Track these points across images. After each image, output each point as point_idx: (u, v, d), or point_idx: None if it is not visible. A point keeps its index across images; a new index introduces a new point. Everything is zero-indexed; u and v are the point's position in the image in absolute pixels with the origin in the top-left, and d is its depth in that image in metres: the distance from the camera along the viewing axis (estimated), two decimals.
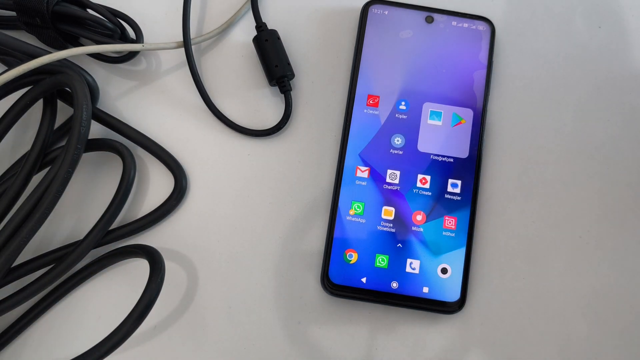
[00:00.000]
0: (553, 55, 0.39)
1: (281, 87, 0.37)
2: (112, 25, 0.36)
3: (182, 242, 0.36)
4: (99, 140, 0.36)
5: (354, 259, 0.35)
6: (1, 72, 0.32)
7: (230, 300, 0.35)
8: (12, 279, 0.34)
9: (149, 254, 0.33)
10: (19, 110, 0.34)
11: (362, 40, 0.38)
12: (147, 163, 0.37)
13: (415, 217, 0.35)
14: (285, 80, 0.37)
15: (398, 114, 0.37)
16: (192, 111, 0.38)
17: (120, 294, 0.35)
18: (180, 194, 0.36)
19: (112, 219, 0.34)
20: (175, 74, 0.38)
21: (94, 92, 0.35)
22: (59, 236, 0.36)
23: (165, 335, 0.35)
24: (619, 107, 0.38)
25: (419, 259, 0.35)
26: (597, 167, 0.37)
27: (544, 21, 0.39)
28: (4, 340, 0.34)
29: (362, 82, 0.37)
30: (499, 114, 0.38)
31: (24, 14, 0.36)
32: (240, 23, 0.39)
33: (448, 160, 0.36)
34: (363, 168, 0.36)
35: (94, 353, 0.29)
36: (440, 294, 0.34)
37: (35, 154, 0.33)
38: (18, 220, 0.31)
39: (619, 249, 0.36)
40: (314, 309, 0.35)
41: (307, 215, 0.36)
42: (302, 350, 0.35)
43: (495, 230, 0.36)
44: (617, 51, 0.39)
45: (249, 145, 0.37)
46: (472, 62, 0.37)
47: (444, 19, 0.38)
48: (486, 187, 0.37)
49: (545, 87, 0.38)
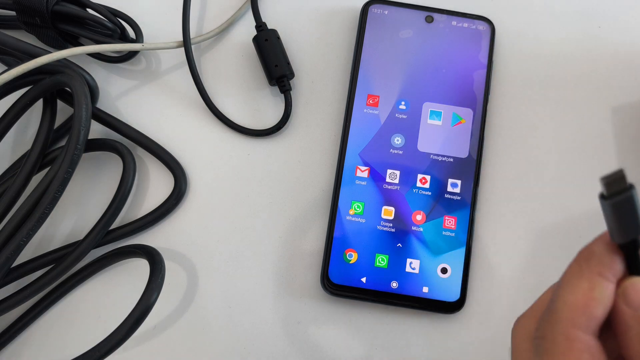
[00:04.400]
0: (553, 55, 0.39)
1: (281, 86, 0.37)
2: (112, 25, 0.36)
3: (182, 242, 0.36)
4: (99, 140, 0.36)
5: (353, 259, 0.35)
6: (1, 72, 0.32)
7: (230, 300, 0.35)
8: (12, 279, 0.34)
9: (149, 254, 0.33)
10: (19, 110, 0.34)
11: (362, 40, 0.38)
12: (147, 163, 0.37)
13: (415, 216, 0.35)
14: (285, 80, 0.37)
15: (398, 114, 0.37)
16: (192, 111, 0.38)
17: (120, 294, 0.35)
18: (180, 194, 0.36)
19: (112, 219, 0.34)
20: (175, 74, 0.38)
21: (94, 92, 0.35)
22: (59, 236, 0.36)
23: (165, 335, 0.35)
24: (619, 107, 0.38)
25: (418, 258, 0.35)
26: (597, 167, 0.37)
27: (544, 21, 0.39)
28: (4, 340, 0.34)
29: (362, 82, 0.37)
30: (499, 114, 0.38)
31: (24, 14, 0.36)
32: (240, 23, 0.39)
33: (448, 160, 0.36)
34: (363, 168, 0.36)
35: (94, 353, 0.29)
36: (440, 294, 0.34)
37: (35, 154, 0.33)
38: (18, 220, 0.31)
39: None
40: (314, 309, 0.35)
41: (307, 215, 0.36)
42: (302, 350, 0.35)
43: (495, 230, 0.36)
44: (617, 51, 0.39)
45: (249, 145, 0.37)
46: (472, 62, 0.37)
47: (443, 19, 0.38)
48: (486, 187, 0.37)
49: (545, 87, 0.38)
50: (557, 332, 0.21)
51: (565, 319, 0.21)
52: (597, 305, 0.21)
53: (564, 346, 0.21)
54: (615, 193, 0.21)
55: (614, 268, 0.22)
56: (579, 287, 0.21)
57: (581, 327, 0.21)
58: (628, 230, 0.21)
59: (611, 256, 0.22)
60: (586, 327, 0.21)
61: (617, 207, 0.21)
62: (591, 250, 0.22)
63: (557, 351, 0.21)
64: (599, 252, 0.22)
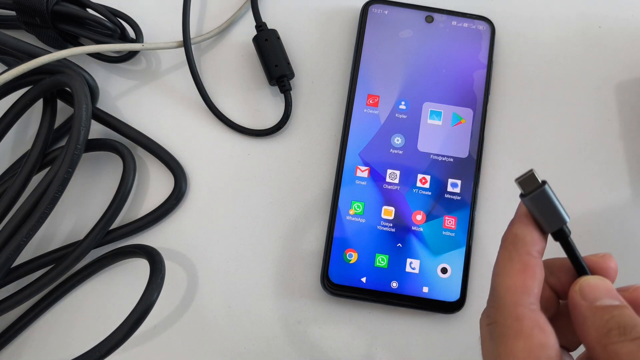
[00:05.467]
0: (553, 55, 0.39)
1: (281, 86, 0.37)
2: (112, 25, 0.36)
3: (182, 242, 0.36)
4: (99, 140, 0.36)
5: (353, 259, 0.35)
6: (1, 72, 0.32)
7: (230, 300, 0.35)
8: (12, 279, 0.34)
9: (149, 254, 0.33)
10: (19, 110, 0.34)
11: (362, 40, 0.38)
12: (147, 163, 0.37)
13: (415, 216, 0.35)
14: (285, 80, 0.37)
15: (398, 114, 0.37)
16: (192, 111, 0.38)
17: (120, 294, 0.35)
18: (180, 194, 0.36)
19: (112, 219, 0.34)
20: (175, 74, 0.38)
21: (94, 92, 0.35)
22: (59, 236, 0.36)
23: (165, 335, 0.35)
24: (619, 107, 0.38)
25: (418, 258, 0.35)
26: (597, 167, 0.37)
27: (544, 21, 0.39)
28: (4, 340, 0.34)
29: (362, 82, 0.37)
30: (499, 114, 0.38)
31: (24, 14, 0.36)
32: (240, 23, 0.39)
33: (448, 160, 0.36)
34: (363, 168, 0.36)
35: (94, 353, 0.29)
36: (440, 294, 0.34)
37: (35, 154, 0.33)
38: (18, 220, 0.31)
39: (620, 249, 0.36)
40: (314, 308, 0.35)
41: (307, 215, 0.36)
42: (302, 350, 0.35)
43: (495, 230, 0.36)
44: (617, 51, 0.39)
45: (249, 145, 0.37)
46: (472, 62, 0.37)
47: (443, 19, 0.38)
48: (486, 187, 0.37)
49: (545, 87, 0.38)
50: (506, 315, 0.23)
51: (510, 301, 0.23)
52: (533, 281, 0.24)
53: (515, 327, 0.23)
54: (531, 191, 0.24)
55: (538, 244, 0.24)
56: (514, 270, 0.24)
57: (525, 305, 0.23)
58: (553, 221, 0.24)
59: (532, 235, 0.24)
60: (529, 304, 0.23)
61: (535, 202, 0.24)
62: (514, 234, 0.25)
63: (509, 333, 0.23)
64: (522, 234, 0.24)
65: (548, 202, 0.24)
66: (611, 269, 0.25)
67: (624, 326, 0.22)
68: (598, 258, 0.25)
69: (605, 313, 0.23)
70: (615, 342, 0.22)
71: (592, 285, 0.24)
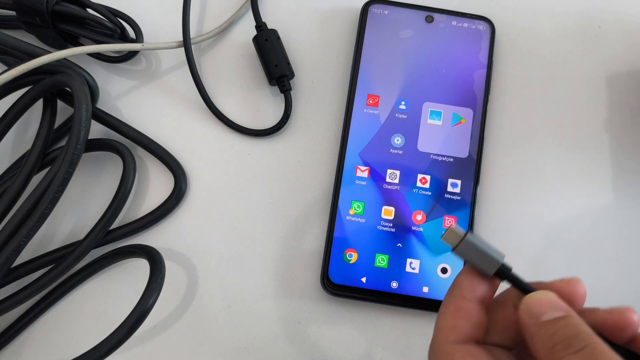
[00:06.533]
0: (553, 55, 0.39)
1: (281, 86, 0.37)
2: (112, 25, 0.36)
3: (182, 242, 0.36)
4: (99, 140, 0.36)
5: (353, 259, 0.35)
6: (1, 72, 0.32)
7: (230, 300, 0.35)
8: (12, 279, 0.34)
9: (149, 254, 0.33)
10: (19, 110, 0.34)
11: (362, 40, 0.38)
12: (147, 163, 0.37)
13: (415, 216, 0.35)
14: (285, 80, 0.37)
15: (398, 114, 0.37)
16: (192, 111, 0.38)
17: (120, 294, 0.35)
18: (180, 194, 0.36)
19: (112, 219, 0.34)
20: (175, 74, 0.38)
21: (94, 92, 0.35)
22: (59, 236, 0.36)
23: (165, 335, 0.35)
24: (619, 107, 0.38)
25: (418, 258, 0.35)
26: (597, 167, 0.37)
27: (544, 21, 0.39)
28: (4, 340, 0.34)
29: (362, 82, 0.37)
30: (499, 114, 0.38)
31: (24, 14, 0.36)
32: (240, 23, 0.39)
33: (448, 160, 0.36)
34: (363, 168, 0.36)
35: (94, 353, 0.29)
36: (440, 294, 0.34)
37: (35, 154, 0.33)
38: (18, 220, 0.31)
39: (620, 249, 0.36)
40: (314, 308, 0.35)
41: (307, 215, 0.36)
42: (302, 350, 0.35)
43: (495, 230, 0.36)
44: (617, 51, 0.39)
45: (249, 145, 0.37)
46: (472, 62, 0.37)
47: (443, 19, 0.38)
48: (486, 187, 0.37)
49: (545, 87, 0.38)
50: (438, 352, 0.25)
51: (440, 340, 0.25)
52: (465, 321, 0.25)
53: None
54: (457, 244, 0.25)
55: (475, 289, 0.26)
56: (447, 312, 0.25)
57: (455, 341, 0.24)
58: (489, 265, 0.25)
59: (469, 280, 0.26)
60: (459, 340, 0.24)
61: (464, 253, 0.26)
62: (454, 281, 0.26)
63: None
64: (459, 280, 0.26)
65: (475, 250, 0.25)
66: (578, 293, 0.25)
67: (567, 338, 0.22)
68: (564, 284, 0.25)
69: (550, 327, 0.23)
70: (561, 357, 0.22)
71: (535, 301, 0.24)
